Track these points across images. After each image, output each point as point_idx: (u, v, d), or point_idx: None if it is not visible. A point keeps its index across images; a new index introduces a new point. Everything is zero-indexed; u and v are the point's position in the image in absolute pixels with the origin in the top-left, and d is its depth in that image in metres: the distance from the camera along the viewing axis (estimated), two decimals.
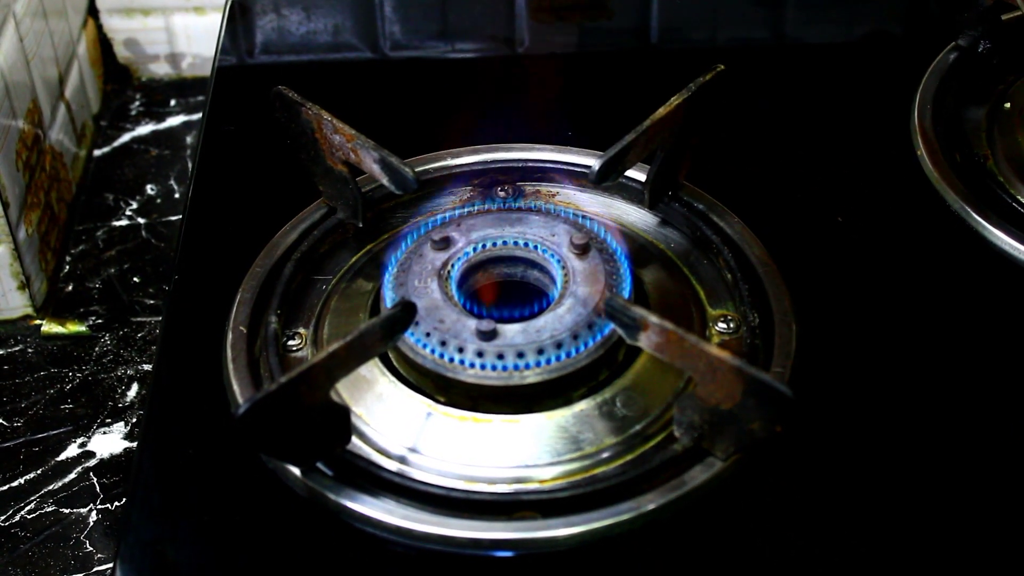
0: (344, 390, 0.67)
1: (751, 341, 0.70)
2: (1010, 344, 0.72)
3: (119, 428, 0.82)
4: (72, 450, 0.81)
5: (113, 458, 0.80)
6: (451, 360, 0.66)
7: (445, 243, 0.71)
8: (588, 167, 0.76)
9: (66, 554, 0.75)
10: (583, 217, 0.75)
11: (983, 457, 0.66)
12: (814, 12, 0.99)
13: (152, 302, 0.91)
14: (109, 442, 0.81)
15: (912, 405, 0.69)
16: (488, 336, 0.66)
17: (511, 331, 0.66)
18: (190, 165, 1.02)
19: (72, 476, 0.79)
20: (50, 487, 0.78)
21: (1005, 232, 0.76)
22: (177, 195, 1.01)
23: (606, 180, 0.75)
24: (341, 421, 0.63)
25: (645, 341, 0.64)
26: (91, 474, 0.79)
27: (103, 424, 0.82)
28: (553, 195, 0.80)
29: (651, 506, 0.62)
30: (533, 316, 0.67)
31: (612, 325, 0.66)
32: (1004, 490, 0.65)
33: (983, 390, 0.70)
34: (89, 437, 0.82)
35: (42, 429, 0.82)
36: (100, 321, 0.90)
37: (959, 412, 0.69)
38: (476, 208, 0.77)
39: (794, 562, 0.63)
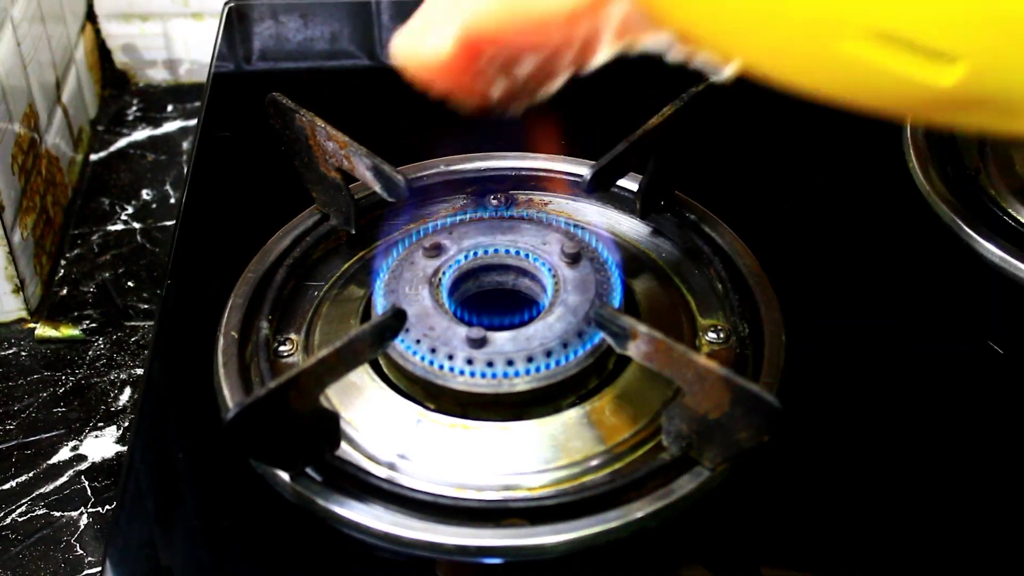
0: (334, 396, 0.67)
1: (740, 351, 0.70)
2: (1002, 358, 0.73)
3: (111, 432, 0.82)
4: (64, 453, 0.81)
5: (105, 462, 0.80)
6: (441, 367, 0.66)
7: (436, 250, 0.71)
8: (580, 176, 0.76)
9: (56, 557, 0.75)
10: (575, 226, 0.75)
11: (974, 472, 0.67)
12: None
13: (146, 307, 0.92)
14: (101, 446, 0.81)
15: (901, 417, 0.69)
16: (478, 344, 0.66)
17: (501, 339, 0.67)
18: (186, 170, 1.02)
19: (64, 479, 0.79)
20: (41, 490, 0.78)
21: (997, 246, 0.76)
22: (173, 200, 1.01)
23: (598, 189, 0.76)
24: (330, 427, 0.63)
25: (634, 350, 0.64)
26: (83, 477, 0.79)
27: (95, 428, 0.82)
28: (545, 204, 0.80)
29: (639, 514, 0.62)
30: (523, 324, 0.68)
31: (601, 334, 0.66)
32: (996, 506, 0.65)
33: (974, 403, 0.70)
34: (81, 441, 0.82)
35: (34, 432, 0.82)
36: (94, 325, 0.90)
37: (949, 425, 0.69)
38: (468, 216, 0.77)
39: (781, 571, 0.63)
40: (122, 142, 1.07)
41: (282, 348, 0.71)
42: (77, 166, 1.03)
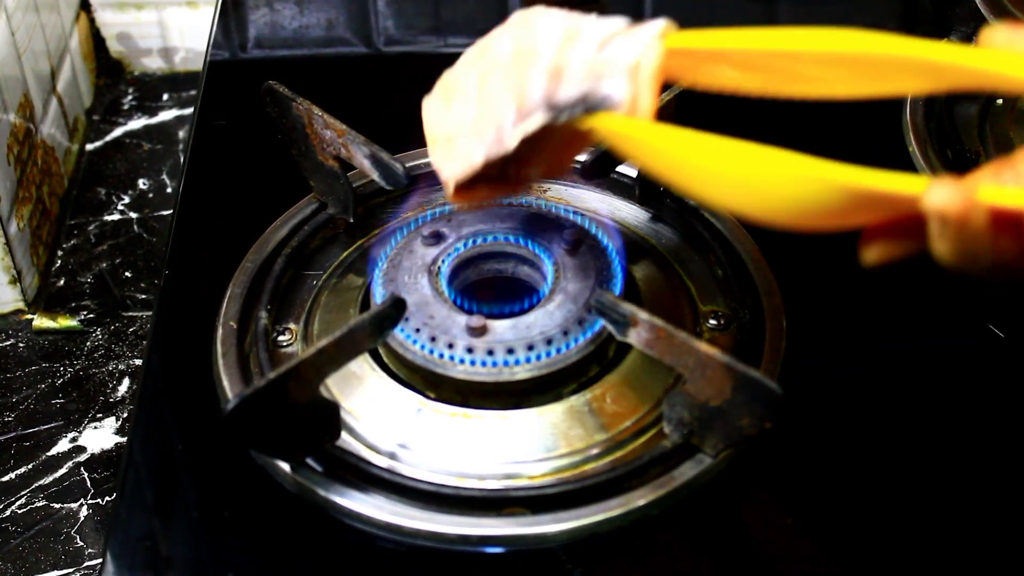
0: (334, 385, 0.67)
1: (741, 338, 0.70)
2: (1001, 343, 0.72)
3: (110, 423, 0.82)
4: (63, 445, 0.81)
5: (104, 453, 0.80)
6: (441, 356, 0.66)
7: (435, 238, 0.71)
8: (580, 162, 0.76)
9: (56, 549, 0.75)
10: (574, 213, 0.75)
11: (974, 455, 0.66)
12: (807, 8, 0.99)
13: (144, 297, 0.91)
14: (100, 437, 0.81)
15: (901, 402, 0.69)
16: (478, 332, 0.66)
17: (501, 327, 0.66)
18: (182, 159, 1.02)
19: (63, 471, 0.79)
20: (41, 482, 0.78)
21: None
22: (169, 190, 1.00)
23: (597, 176, 0.75)
24: (330, 417, 0.63)
25: (635, 338, 0.64)
26: (82, 469, 0.79)
27: (94, 419, 0.82)
28: (544, 190, 0.80)
29: (640, 502, 0.62)
30: (523, 312, 0.67)
31: (602, 321, 0.66)
32: (996, 490, 0.65)
33: (973, 388, 0.70)
34: (80, 432, 0.81)
35: (33, 424, 0.82)
36: (91, 316, 0.90)
37: (950, 409, 0.69)
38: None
39: (783, 558, 0.63)
40: (118, 131, 1.07)
41: (281, 338, 0.71)
42: (73, 156, 1.03)
